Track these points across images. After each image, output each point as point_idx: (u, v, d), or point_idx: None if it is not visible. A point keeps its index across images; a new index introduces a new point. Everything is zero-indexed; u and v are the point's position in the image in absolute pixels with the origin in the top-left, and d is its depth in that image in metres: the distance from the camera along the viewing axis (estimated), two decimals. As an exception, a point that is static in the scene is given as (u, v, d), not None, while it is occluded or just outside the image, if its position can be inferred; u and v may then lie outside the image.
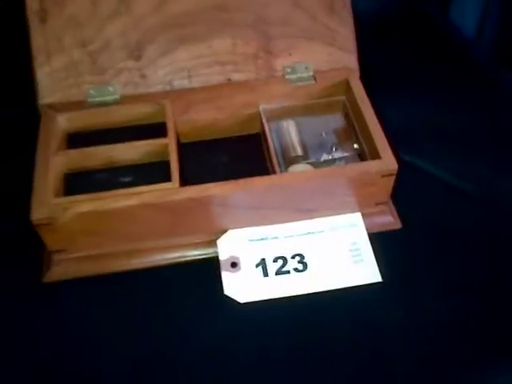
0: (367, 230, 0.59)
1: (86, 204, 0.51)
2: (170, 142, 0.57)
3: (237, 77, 0.63)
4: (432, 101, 0.75)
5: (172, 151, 0.56)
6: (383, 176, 0.55)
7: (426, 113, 0.74)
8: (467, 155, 0.68)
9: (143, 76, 0.61)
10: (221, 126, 0.64)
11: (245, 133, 0.66)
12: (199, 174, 0.57)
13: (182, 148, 0.62)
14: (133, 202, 0.51)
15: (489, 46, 1.00)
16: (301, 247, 0.57)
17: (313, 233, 0.59)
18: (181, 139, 0.64)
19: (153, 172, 0.57)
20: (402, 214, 0.61)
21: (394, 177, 0.56)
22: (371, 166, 0.55)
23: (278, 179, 0.54)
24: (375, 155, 0.56)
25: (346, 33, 0.64)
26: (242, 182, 0.53)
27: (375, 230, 0.59)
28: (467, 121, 0.72)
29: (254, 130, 0.66)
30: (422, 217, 0.61)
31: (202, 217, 0.55)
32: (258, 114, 0.64)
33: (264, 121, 0.63)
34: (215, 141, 0.65)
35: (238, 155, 0.64)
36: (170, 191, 0.52)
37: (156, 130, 0.60)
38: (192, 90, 0.62)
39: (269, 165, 0.61)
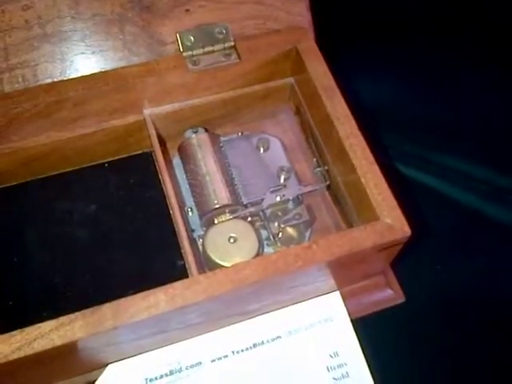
0: (353, 315, 0.34)
1: None
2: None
3: (93, 61, 0.33)
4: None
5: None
6: (382, 250, 0.30)
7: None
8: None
9: None
10: (77, 149, 0.35)
11: (123, 155, 0.37)
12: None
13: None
14: None
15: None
16: (243, 382, 0.32)
17: (261, 343, 0.33)
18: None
19: None
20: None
21: (401, 245, 0.30)
22: (363, 236, 0.28)
23: (189, 295, 0.27)
24: (361, 202, 0.30)
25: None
26: (110, 308, 0.25)
27: (366, 313, 0.35)
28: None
29: (139, 150, 0.37)
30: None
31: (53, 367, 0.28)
32: (143, 124, 0.35)
33: (153, 137, 0.34)
34: (70, 175, 0.36)
35: (114, 197, 0.36)
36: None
37: None
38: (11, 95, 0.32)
39: (172, 215, 0.34)
